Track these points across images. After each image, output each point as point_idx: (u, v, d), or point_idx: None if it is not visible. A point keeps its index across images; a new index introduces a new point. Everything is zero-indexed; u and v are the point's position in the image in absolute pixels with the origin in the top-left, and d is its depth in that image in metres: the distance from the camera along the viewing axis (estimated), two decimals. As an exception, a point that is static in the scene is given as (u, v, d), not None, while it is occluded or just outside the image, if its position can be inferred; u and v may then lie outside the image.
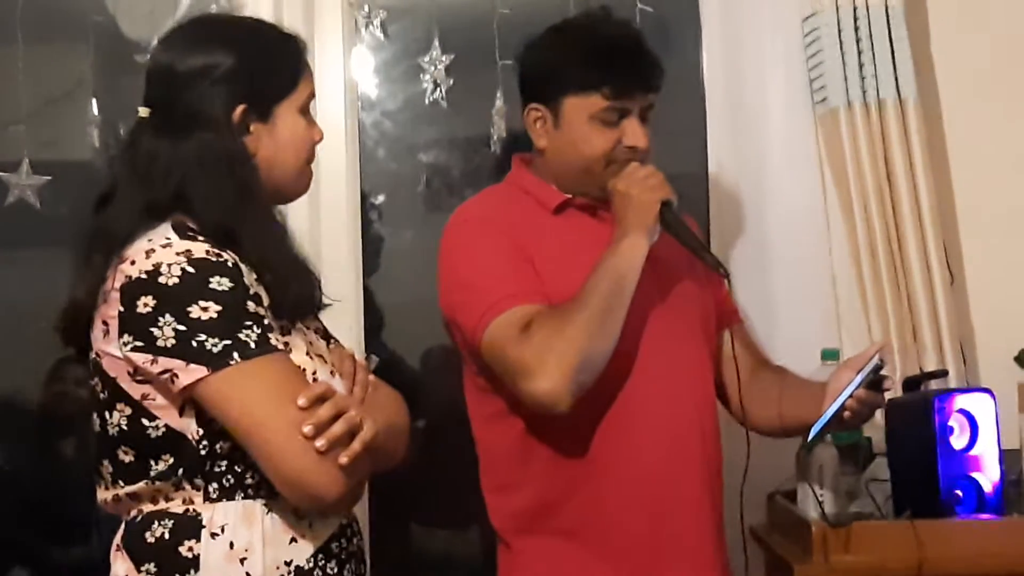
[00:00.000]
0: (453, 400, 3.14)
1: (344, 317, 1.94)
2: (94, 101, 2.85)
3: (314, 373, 1.76)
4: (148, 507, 1.74)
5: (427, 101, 2.91)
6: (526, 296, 2.10)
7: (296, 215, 2.02)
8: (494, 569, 2.29)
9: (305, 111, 1.87)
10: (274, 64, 1.84)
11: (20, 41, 2.81)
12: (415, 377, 3.09)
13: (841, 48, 2.72)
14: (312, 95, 1.89)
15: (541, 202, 2.25)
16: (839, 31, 2.72)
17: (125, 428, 1.72)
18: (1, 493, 3.09)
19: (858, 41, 2.72)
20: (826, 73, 2.73)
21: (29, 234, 2.96)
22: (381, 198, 3.05)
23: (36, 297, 3.00)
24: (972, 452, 2.32)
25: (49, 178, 2.82)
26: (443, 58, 2.88)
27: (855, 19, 2.72)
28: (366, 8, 2.88)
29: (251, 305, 1.69)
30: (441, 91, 2.89)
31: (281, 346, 1.71)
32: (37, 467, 3.14)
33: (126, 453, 1.73)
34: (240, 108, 1.79)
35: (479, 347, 2.10)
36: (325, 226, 2.77)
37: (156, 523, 1.72)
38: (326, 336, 1.91)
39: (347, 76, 2.87)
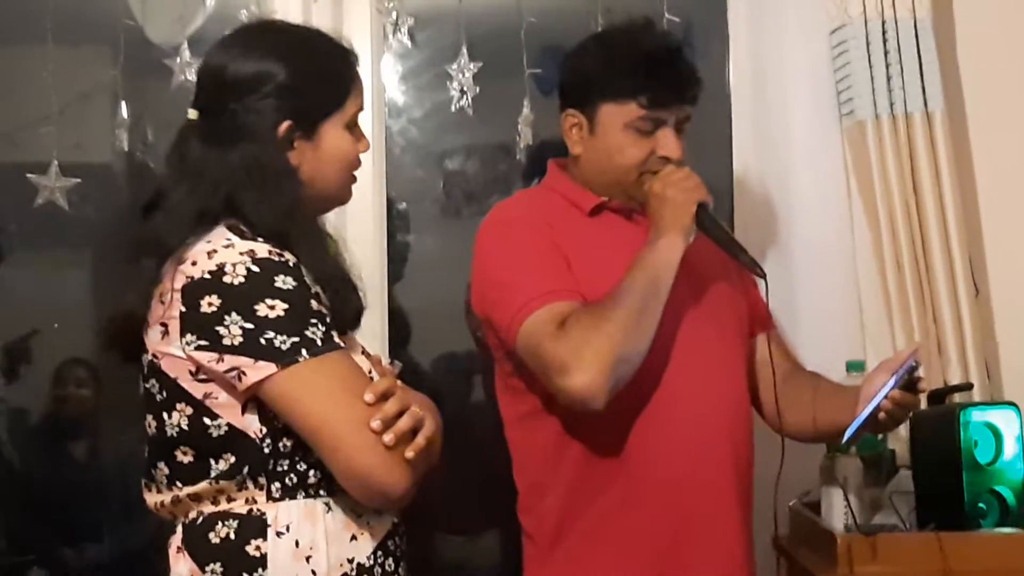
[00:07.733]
0: (474, 404, 3.15)
1: (369, 322, 1.95)
2: (123, 104, 2.87)
3: (369, 372, 1.78)
4: (209, 508, 1.74)
5: (454, 108, 2.92)
6: (562, 293, 2.09)
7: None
8: (513, 574, 2.29)
9: (352, 126, 1.87)
10: (324, 81, 1.84)
11: (50, 44, 2.83)
12: (436, 381, 3.09)
13: (869, 60, 2.72)
14: (360, 108, 1.89)
15: (576, 204, 2.26)
16: (867, 43, 2.72)
17: (186, 428, 1.73)
18: (17, 495, 3.11)
19: (886, 54, 2.73)
20: (853, 85, 2.74)
21: (58, 236, 2.98)
22: (406, 205, 3.06)
23: (65, 298, 3.03)
24: (996, 466, 2.31)
25: (78, 180, 2.83)
26: (470, 66, 2.88)
27: (883, 31, 2.72)
28: (394, 15, 2.89)
29: (314, 304, 1.71)
30: (468, 99, 2.90)
31: (343, 344, 1.73)
32: (53, 468, 3.16)
33: (185, 454, 1.74)
34: (286, 124, 1.79)
35: (514, 343, 2.10)
36: (351, 232, 2.77)
37: (220, 523, 1.73)
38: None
39: (375, 82, 2.88)
